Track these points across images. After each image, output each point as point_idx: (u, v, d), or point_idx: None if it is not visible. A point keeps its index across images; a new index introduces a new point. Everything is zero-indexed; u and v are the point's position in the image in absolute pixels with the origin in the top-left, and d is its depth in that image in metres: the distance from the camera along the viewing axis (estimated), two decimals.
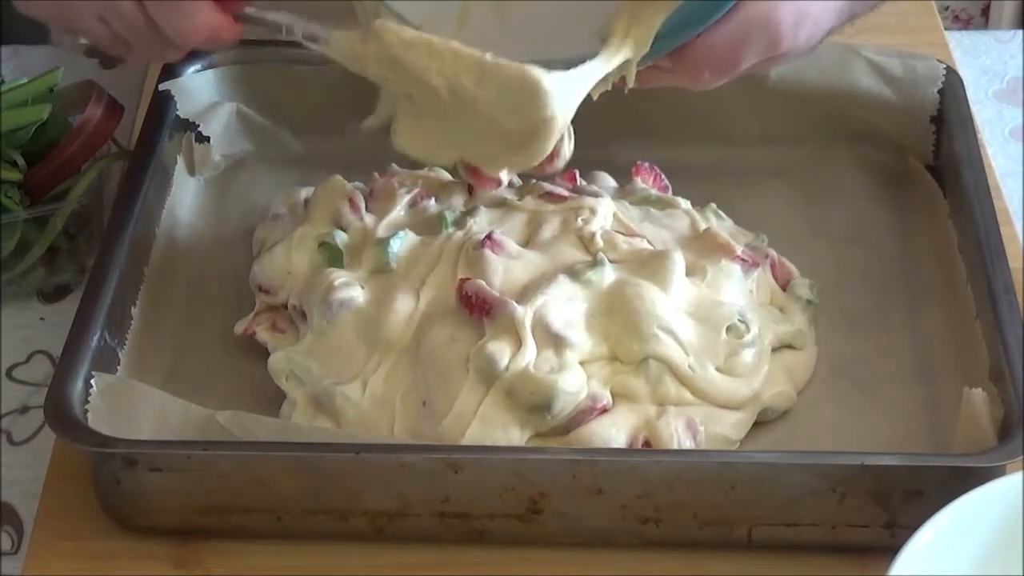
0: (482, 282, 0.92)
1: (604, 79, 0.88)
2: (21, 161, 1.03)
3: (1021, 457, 0.83)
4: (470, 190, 1.02)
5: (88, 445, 0.86)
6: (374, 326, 0.94)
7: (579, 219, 0.98)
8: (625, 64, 0.87)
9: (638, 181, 1.06)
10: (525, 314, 0.90)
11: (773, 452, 0.92)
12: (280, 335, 0.98)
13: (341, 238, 0.99)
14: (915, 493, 0.84)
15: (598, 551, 0.87)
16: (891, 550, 0.75)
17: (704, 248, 0.99)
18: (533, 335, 0.90)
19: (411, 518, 0.87)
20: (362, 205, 1.01)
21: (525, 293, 0.93)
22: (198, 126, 1.08)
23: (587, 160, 1.07)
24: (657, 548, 0.87)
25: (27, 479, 0.94)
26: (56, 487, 0.91)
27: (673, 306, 0.93)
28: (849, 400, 0.96)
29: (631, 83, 0.88)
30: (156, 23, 0.88)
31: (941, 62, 1.09)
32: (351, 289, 0.95)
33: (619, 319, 0.92)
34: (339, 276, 0.96)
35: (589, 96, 0.92)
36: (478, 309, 0.91)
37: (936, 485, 0.84)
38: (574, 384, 0.89)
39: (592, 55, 0.86)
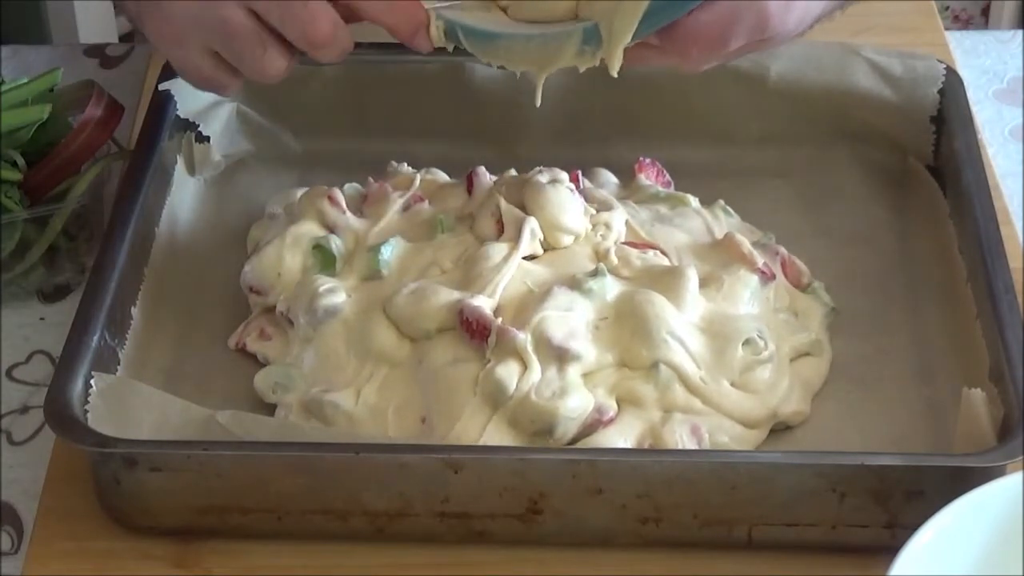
0: (482, 307, 0.91)
1: (593, 53, 0.88)
2: (21, 161, 1.03)
3: (1021, 457, 0.83)
4: (469, 192, 1.02)
5: (88, 445, 0.86)
6: (364, 336, 0.94)
7: (598, 235, 0.98)
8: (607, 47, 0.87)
9: (642, 178, 1.06)
10: (526, 339, 0.90)
11: (773, 452, 0.92)
12: (268, 342, 0.98)
13: (336, 243, 0.98)
14: (915, 493, 0.84)
15: (598, 551, 0.87)
16: (891, 550, 0.75)
17: (723, 257, 0.98)
18: (536, 354, 0.90)
19: (411, 518, 0.86)
20: (342, 200, 1.01)
21: (524, 307, 0.92)
22: (198, 126, 1.08)
23: (587, 160, 1.07)
24: (657, 548, 0.87)
25: (27, 479, 0.94)
26: (56, 487, 0.91)
27: (686, 321, 0.93)
28: (849, 400, 0.95)
29: (614, 69, 0.87)
30: (270, 24, 0.88)
31: (941, 62, 1.09)
32: (336, 296, 0.95)
33: (628, 326, 0.92)
34: (325, 283, 0.96)
35: (584, 88, 0.92)
36: (479, 335, 0.91)
37: (936, 485, 0.84)
38: (576, 409, 0.89)
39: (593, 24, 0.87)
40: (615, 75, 0.88)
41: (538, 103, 0.92)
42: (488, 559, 0.87)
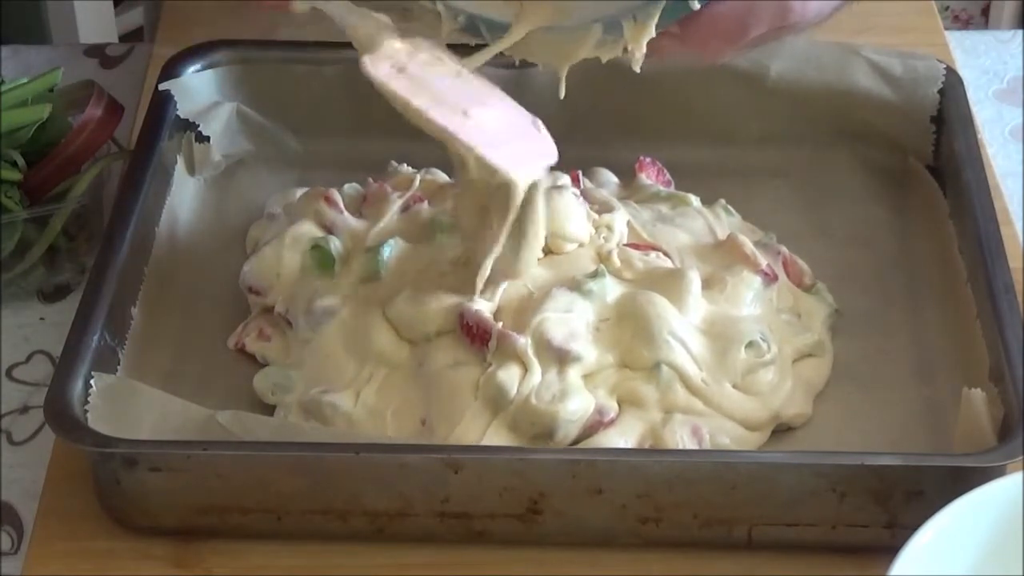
0: (483, 311, 0.91)
1: (614, 43, 0.87)
2: (21, 161, 1.03)
3: (1021, 457, 0.83)
4: None
5: (88, 445, 0.86)
6: (362, 338, 0.94)
7: (600, 237, 0.98)
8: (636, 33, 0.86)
9: (642, 177, 1.06)
10: (527, 344, 0.90)
11: (773, 452, 0.92)
12: (267, 343, 0.98)
13: (335, 244, 0.98)
14: (915, 493, 0.84)
15: (598, 551, 0.87)
16: (891, 550, 0.75)
17: (726, 258, 0.98)
18: (536, 356, 0.89)
19: (411, 518, 0.86)
20: (339, 201, 1.01)
21: (524, 309, 0.92)
22: (198, 126, 1.08)
23: (587, 160, 1.07)
24: (657, 548, 0.87)
25: (27, 479, 0.94)
26: (56, 487, 0.91)
27: (687, 322, 0.93)
28: (849, 400, 0.95)
29: (637, 63, 0.87)
30: None
31: (941, 62, 1.09)
32: (334, 297, 0.95)
33: (630, 326, 0.92)
34: (323, 284, 0.96)
35: (584, 88, 0.91)
36: (479, 339, 0.91)
37: (936, 485, 0.84)
38: (576, 412, 0.89)
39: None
40: (638, 70, 0.87)
41: (562, 95, 0.91)
42: (488, 559, 0.87)
